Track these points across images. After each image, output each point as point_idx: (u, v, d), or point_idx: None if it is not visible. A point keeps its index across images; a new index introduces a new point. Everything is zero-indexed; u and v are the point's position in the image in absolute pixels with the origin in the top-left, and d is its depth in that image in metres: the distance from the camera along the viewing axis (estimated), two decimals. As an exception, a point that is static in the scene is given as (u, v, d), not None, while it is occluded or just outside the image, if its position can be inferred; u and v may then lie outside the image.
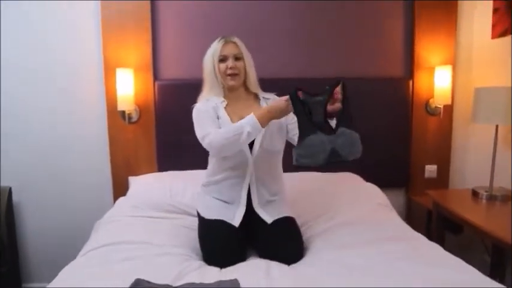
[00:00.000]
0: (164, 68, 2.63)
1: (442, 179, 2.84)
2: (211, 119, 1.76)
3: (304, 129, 1.56)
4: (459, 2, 2.69)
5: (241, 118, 1.69)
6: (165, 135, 2.62)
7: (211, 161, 1.88)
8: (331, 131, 1.61)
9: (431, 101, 2.73)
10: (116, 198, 2.55)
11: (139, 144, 2.64)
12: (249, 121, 1.63)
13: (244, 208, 1.82)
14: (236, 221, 1.78)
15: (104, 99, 2.59)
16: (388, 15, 2.71)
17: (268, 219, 1.80)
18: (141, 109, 2.61)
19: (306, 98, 1.58)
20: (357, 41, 2.70)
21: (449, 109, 2.74)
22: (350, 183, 2.45)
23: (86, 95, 2.63)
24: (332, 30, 2.68)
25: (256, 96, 1.91)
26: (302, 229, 1.97)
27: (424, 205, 2.66)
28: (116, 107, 2.51)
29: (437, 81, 2.66)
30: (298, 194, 2.25)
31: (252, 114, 1.65)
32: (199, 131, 1.75)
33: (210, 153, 1.87)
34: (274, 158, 1.88)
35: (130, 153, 2.64)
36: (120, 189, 2.61)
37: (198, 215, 1.89)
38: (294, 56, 2.68)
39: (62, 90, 2.60)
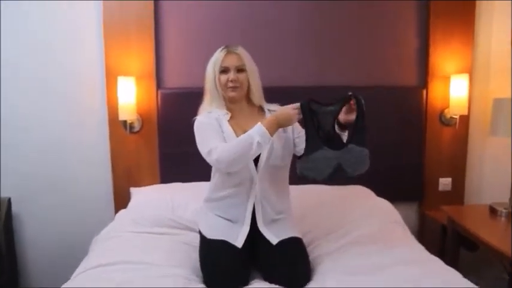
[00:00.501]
0: (167, 76, 2.54)
1: (457, 193, 2.72)
2: (215, 132, 1.67)
3: (311, 144, 1.55)
4: (477, 5, 2.57)
5: (246, 132, 1.61)
6: (168, 146, 2.53)
7: (214, 176, 1.79)
8: (339, 144, 1.55)
9: (446, 111, 2.61)
10: (117, 209, 2.47)
11: (142, 155, 2.55)
12: (258, 131, 1.56)
13: (248, 227, 1.72)
14: (239, 242, 1.68)
15: (105, 108, 2.51)
16: (401, 20, 2.60)
17: (274, 239, 1.70)
18: (144, 119, 2.52)
19: (316, 108, 1.56)
20: (368, 48, 2.60)
21: (465, 120, 2.61)
22: (361, 197, 2.33)
23: (87, 103, 2.55)
24: (342, 37, 2.58)
25: (260, 109, 1.81)
26: (309, 248, 1.87)
27: (438, 220, 2.54)
28: (117, 116, 2.43)
29: (453, 90, 2.54)
30: (305, 209, 2.15)
31: (259, 123, 1.58)
32: (204, 146, 1.66)
33: (213, 167, 1.77)
34: (281, 173, 1.78)
35: (132, 164, 2.55)
36: (121, 200, 2.52)
37: (200, 233, 1.80)
38: (303, 63, 2.58)
39: (62, 99, 2.53)
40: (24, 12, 2.44)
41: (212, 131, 1.67)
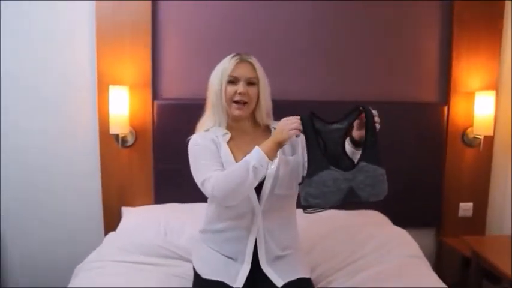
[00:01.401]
0: (165, 85, 2.33)
1: (479, 219, 2.51)
2: (212, 158, 1.44)
3: (315, 163, 1.30)
4: (505, 12, 2.36)
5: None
6: (164, 162, 2.31)
7: (210, 206, 1.56)
8: (349, 163, 1.33)
9: (469, 130, 2.41)
10: (106, 230, 2.28)
11: (135, 172, 2.34)
12: (254, 155, 1.34)
13: (249, 266, 1.49)
14: (239, 283, 1.46)
15: (96, 120, 2.30)
16: (421, 29, 2.40)
17: (279, 281, 1.47)
18: (138, 132, 2.31)
19: (320, 126, 1.33)
20: (384, 60, 2.40)
21: (490, 140, 2.39)
22: (375, 225, 2.11)
23: (76, 114, 2.34)
24: (354, 47, 2.38)
25: (266, 128, 1.58)
26: (319, 285, 1.67)
27: (457, 250, 2.32)
28: (108, 129, 2.21)
29: (478, 108, 2.33)
30: (314, 238, 1.94)
31: (256, 147, 1.35)
32: (198, 174, 1.44)
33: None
34: (288, 203, 1.55)
35: (125, 181, 2.34)
36: (111, 221, 2.31)
37: (194, 269, 1.57)
38: (311, 76, 2.38)
39: (49, 110, 2.32)
40: (10, 15, 2.23)
41: (208, 155, 1.44)
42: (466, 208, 2.48)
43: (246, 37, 2.31)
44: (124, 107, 2.21)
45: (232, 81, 1.47)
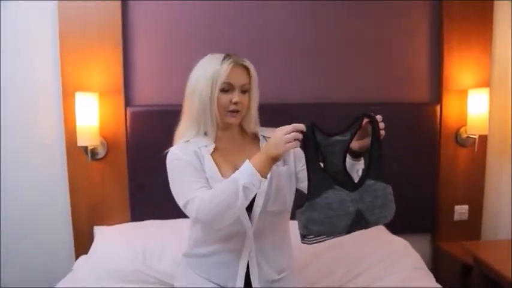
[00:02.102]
0: (138, 91, 2.13)
1: (474, 222, 2.41)
2: (195, 174, 1.25)
3: (317, 183, 1.10)
4: (495, 5, 2.28)
5: (237, 168, 1.20)
6: (140, 175, 2.11)
7: (195, 227, 1.37)
8: (352, 182, 1.14)
9: (462, 130, 2.30)
10: (78, 254, 2.05)
11: (108, 187, 2.13)
12: (244, 172, 1.15)
13: (241, 292, 1.31)
14: (229, 314, 1.28)
15: (62, 131, 2.07)
16: (411, 27, 2.29)
17: (274, 310, 1.30)
18: (109, 143, 2.10)
19: (320, 139, 1.13)
20: (374, 60, 2.27)
21: (484, 140, 2.30)
22: (375, 238, 1.95)
23: (41, 127, 2.12)
24: (347, 50, 2.25)
25: (254, 136, 1.40)
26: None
27: (456, 256, 2.21)
28: (76, 141, 2.00)
29: (471, 106, 2.23)
30: (307, 255, 1.76)
31: (247, 161, 1.17)
32: (180, 194, 1.25)
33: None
34: (281, 220, 1.38)
35: (97, 198, 2.13)
36: (83, 243, 2.08)
37: (178, 299, 1.38)
38: (300, 78, 2.23)
39: (11, 121, 2.09)
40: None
41: (190, 172, 1.25)
42: (461, 211, 2.38)
43: (227, 38, 2.13)
44: (93, 116, 2.00)
45: (226, 89, 1.27)
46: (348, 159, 1.20)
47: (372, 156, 1.15)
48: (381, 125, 1.18)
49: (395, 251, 1.80)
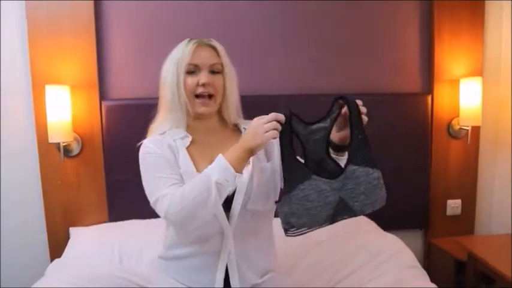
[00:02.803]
0: (114, 84, 2.02)
1: (468, 217, 2.33)
2: (168, 169, 1.15)
3: (292, 174, 1.04)
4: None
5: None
6: (117, 172, 1.99)
7: (169, 227, 1.26)
8: (336, 170, 1.08)
9: (454, 121, 2.22)
10: (53, 257, 1.91)
11: (83, 185, 2.01)
12: (216, 166, 1.07)
13: (219, 298, 1.21)
14: (205, 321, 1.17)
15: (33, 127, 1.94)
16: (401, 16, 2.20)
17: (256, 317, 1.20)
18: (84, 139, 1.99)
19: (299, 129, 1.08)
20: (363, 49, 2.18)
21: (477, 131, 2.22)
22: (365, 234, 1.87)
23: (10, 123, 1.99)
24: (335, 39, 2.15)
25: (236, 128, 1.30)
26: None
27: (449, 252, 2.14)
28: (47, 137, 1.87)
29: (463, 97, 2.15)
30: (294, 255, 1.67)
31: (220, 155, 1.08)
32: (150, 190, 1.15)
33: None
34: (264, 221, 1.27)
35: (72, 197, 2.01)
36: (58, 245, 1.96)
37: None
38: (288, 68, 2.13)
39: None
40: None
41: (163, 166, 1.15)
42: (454, 205, 2.30)
43: (209, 27, 2.02)
44: (65, 111, 1.88)
45: (192, 70, 1.18)
46: (332, 154, 1.12)
47: (353, 141, 1.08)
48: (362, 109, 1.10)
49: (387, 249, 1.70)
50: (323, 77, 2.13)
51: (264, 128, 1.02)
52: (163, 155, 1.17)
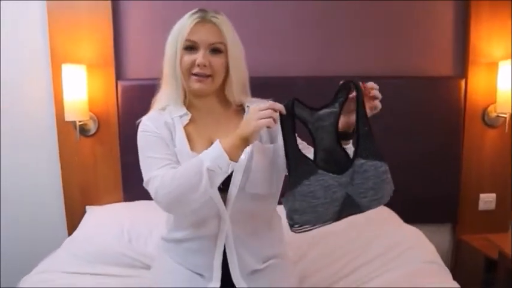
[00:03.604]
0: (130, 63, 2.01)
1: (502, 213, 2.16)
2: (162, 150, 1.12)
3: (297, 169, 0.99)
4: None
5: (212, 143, 1.06)
6: (132, 153, 1.95)
7: None
8: (343, 163, 1.01)
9: (491, 108, 2.06)
10: (71, 234, 1.92)
11: (100, 166, 2.03)
12: (211, 152, 1.02)
13: (219, 284, 1.17)
14: (203, 304, 1.13)
15: (52, 105, 1.97)
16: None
17: (254, 303, 1.14)
18: (100, 119, 2.00)
19: (305, 115, 1.03)
20: (391, 28, 2.05)
21: (515, 119, 2.04)
22: (383, 225, 1.76)
23: (31, 100, 2.03)
24: (358, 15, 2.03)
25: (240, 108, 1.23)
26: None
27: (480, 250, 1.99)
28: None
29: (502, 81, 1.98)
30: (305, 243, 1.61)
31: (217, 141, 1.03)
32: (143, 170, 1.13)
33: None
34: (265, 205, 1.21)
35: (89, 176, 2.04)
36: (76, 223, 1.97)
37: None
38: (306, 48, 2.04)
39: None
40: None
41: (157, 146, 1.12)
42: (487, 200, 2.14)
43: (223, 4, 1.95)
44: (81, 90, 1.89)
45: (190, 47, 1.12)
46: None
47: (359, 132, 1.01)
48: (375, 93, 1.02)
49: (405, 242, 1.59)
50: (343, 57, 2.03)
51: (258, 115, 0.98)
52: (159, 133, 1.14)
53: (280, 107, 0.99)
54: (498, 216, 2.14)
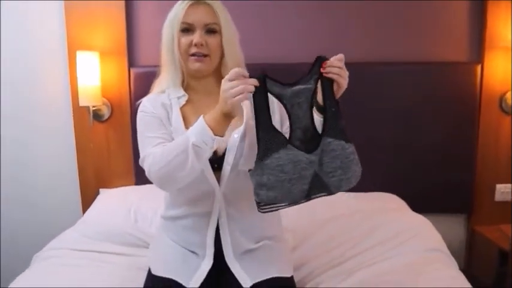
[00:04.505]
0: (142, 51, 2.05)
1: (521, 204, 2.07)
2: (158, 130, 1.16)
3: (268, 141, 0.97)
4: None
5: None
6: (144, 138, 2.04)
7: None
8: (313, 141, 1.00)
9: (508, 94, 1.99)
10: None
11: (113, 150, 2.10)
12: (195, 128, 1.04)
13: (211, 262, 1.19)
14: (195, 282, 1.16)
15: (68, 91, 2.05)
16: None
17: (246, 281, 1.16)
18: (113, 104, 2.06)
19: (279, 91, 1.00)
20: (404, 12, 2.01)
21: (535, 106, 1.95)
22: (388, 212, 1.74)
23: (48, 86, 2.11)
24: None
25: None
26: (306, 287, 1.35)
27: (494, 241, 1.92)
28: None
29: (520, 66, 1.88)
30: (307, 228, 1.62)
31: (201, 117, 1.04)
32: (140, 149, 1.17)
33: None
34: None
35: (102, 160, 2.11)
36: (90, 204, 2.06)
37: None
38: (313, 34, 2.02)
39: (17, 80, 2.09)
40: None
41: (154, 125, 1.16)
42: (504, 190, 2.07)
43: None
44: (94, 76, 1.95)
45: (187, 29, 1.15)
46: (316, 115, 1.04)
47: (326, 110, 1.00)
48: (331, 69, 1.01)
49: (409, 229, 1.55)
50: (351, 43, 2.00)
51: (230, 93, 0.96)
52: (155, 113, 1.18)
53: (252, 81, 0.97)
54: (515, 208, 2.07)
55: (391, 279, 1.29)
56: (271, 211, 1.01)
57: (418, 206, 1.85)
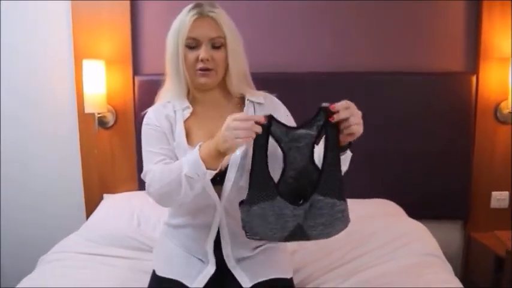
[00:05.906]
0: (147, 59, 2.10)
1: (516, 211, 2.10)
2: (160, 144, 1.18)
3: (258, 188, 1.01)
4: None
5: (213, 137, 1.07)
6: (148, 145, 2.08)
7: None
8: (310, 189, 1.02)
9: (503, 104, 2.02)
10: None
11: (117, 156, 2.14)
12: (189, 159, 1.05)
13: (214, 268, 1.22)
14: (198, 283, 1.19)
15: (74, 98, 2.10)
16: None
17: (246, 282, 1.19)
18: (118, 111, 2.10)
19: (280, 134, 1.01)
20: (400, 22, 2.06)
21: (529, 116, 1.99)
22: (385, 217, 1.78)
23: (54, 93, 2.16)
24: (367, 9, 2.04)
25: (241, 100, 1.26)
26: (306, 288, 1.37)
27: (490, 248, 1.95)
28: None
29: (514, 76, 1.93)
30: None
31: (196, 148, 1.06)
32: (143, 161, 1.20)
33: None
34: None
35: (106, 166, 2.15)
36: (93, 211, 2.09)
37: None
38: (315, 43, 2.07)
39: (25, 87, 2.15)
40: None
41: (156, 140, 1.18)
42: (500, 198, 2.11)
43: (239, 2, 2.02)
44: (100, 84, 2.00)
45: (193, 45, 1.15)
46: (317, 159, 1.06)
47: (324, 165, 1.00)
48: (354, 119, 0.97)
49: (405, 235, 1.60)
50: (353, 53, 2.04)
51: (235, 133, 0.96)
52: (159, 127, 1.19)
53: (257, 128, 0.97)
54: (511, 215, 2.10)
55: (389, 281, 1.33)
56: (254, 240, 1.07)
57: (415, 212, 1.88)
